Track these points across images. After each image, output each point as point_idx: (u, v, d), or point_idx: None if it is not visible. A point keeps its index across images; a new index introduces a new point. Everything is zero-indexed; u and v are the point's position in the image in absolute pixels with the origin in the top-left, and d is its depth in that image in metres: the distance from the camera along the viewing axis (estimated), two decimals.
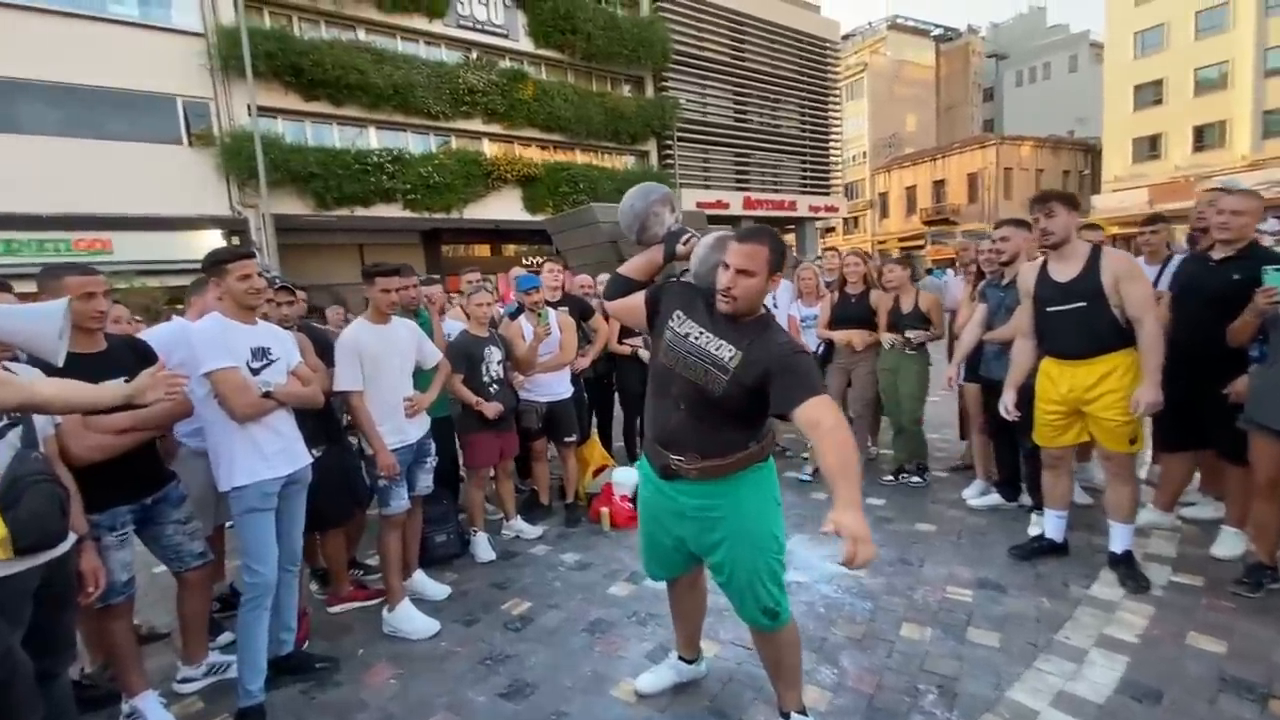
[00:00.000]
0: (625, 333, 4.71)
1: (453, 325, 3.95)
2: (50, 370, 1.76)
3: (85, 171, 11.74)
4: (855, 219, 39.01)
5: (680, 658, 2.32)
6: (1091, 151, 33.81)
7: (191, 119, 13.40)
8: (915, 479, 4.29)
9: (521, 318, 4.02)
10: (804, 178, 24.78)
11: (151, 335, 2.64)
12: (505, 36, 17.71)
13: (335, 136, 15.45)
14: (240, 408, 2.21)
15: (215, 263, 2.29)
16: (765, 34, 22.83)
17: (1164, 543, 3.20)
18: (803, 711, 1.98)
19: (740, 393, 1.76)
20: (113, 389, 1.72)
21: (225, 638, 2.78)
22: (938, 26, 42.70)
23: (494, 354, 3.66)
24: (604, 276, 5.27)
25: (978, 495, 3.93)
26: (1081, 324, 2.75)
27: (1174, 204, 22.47)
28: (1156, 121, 27.57)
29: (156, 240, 12.58)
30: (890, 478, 4.38)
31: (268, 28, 14.06)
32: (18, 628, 1.62)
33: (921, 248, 35.13)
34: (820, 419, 1.61)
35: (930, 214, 35.23)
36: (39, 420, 1.81)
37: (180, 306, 3.63)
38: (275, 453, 2.32)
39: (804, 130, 24.66)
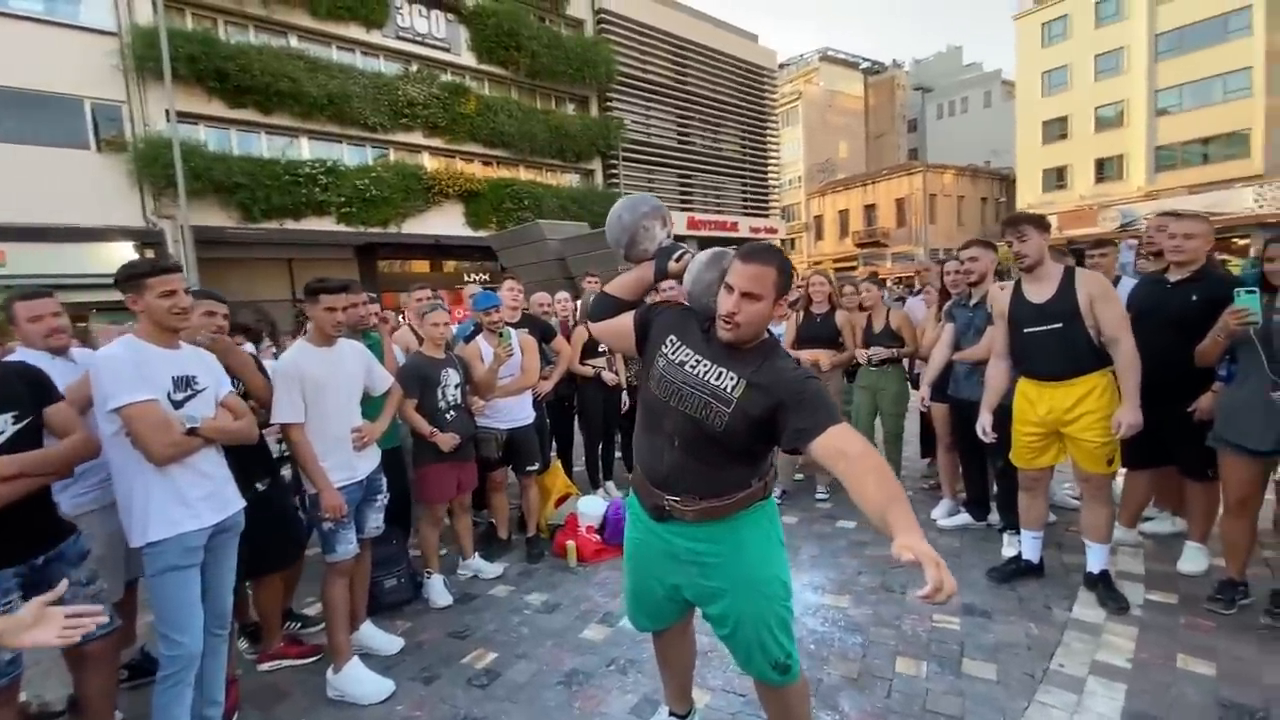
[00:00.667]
0: (587, 353, 4.51)
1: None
2: None
3: None
4: (792, 240, 40.22)
5: (672, 713, 2.12)
6: (1007, 181, 36.21)
7: (101, 123, 12.39)
8: None
9: (479, 338, 3.75)
10: (745, 200, 25.38)
11: (100, 355, 2.28)
12: (447, 50, 17.37)
13: (264, 146, 14.64)
14: (159, 448, 1.87)
15: (132, 277, 1.95)
16: (706, 59, 23.37)
17: (1131, 559, 3.24)
18: None
19: (745, 427, 1.57)
20: None
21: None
22: (866, 60, 45.02)
23: (451, 377, 3.38)
24: (562, 295, 5.08)
25: (946, 515, 3.92)
26: (1058, 345, 2.76)
27: (1080, 230, 24.34)
28: (1063, 154, 29.83)
29: (58, 252, 11.48)
30: None
31: (190, 30, 13.22)
32: None
33: (854, 269, 36.56)
34: (845, 448, 1.44)
35: (862, 237, 36.77)
36: None
37: (84, 324, 3.18)
38: (201, 499, 1.99)
39: (744, 154, 25.31)
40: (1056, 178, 30.31)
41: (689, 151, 23.13)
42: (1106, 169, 28.59)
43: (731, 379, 1.59)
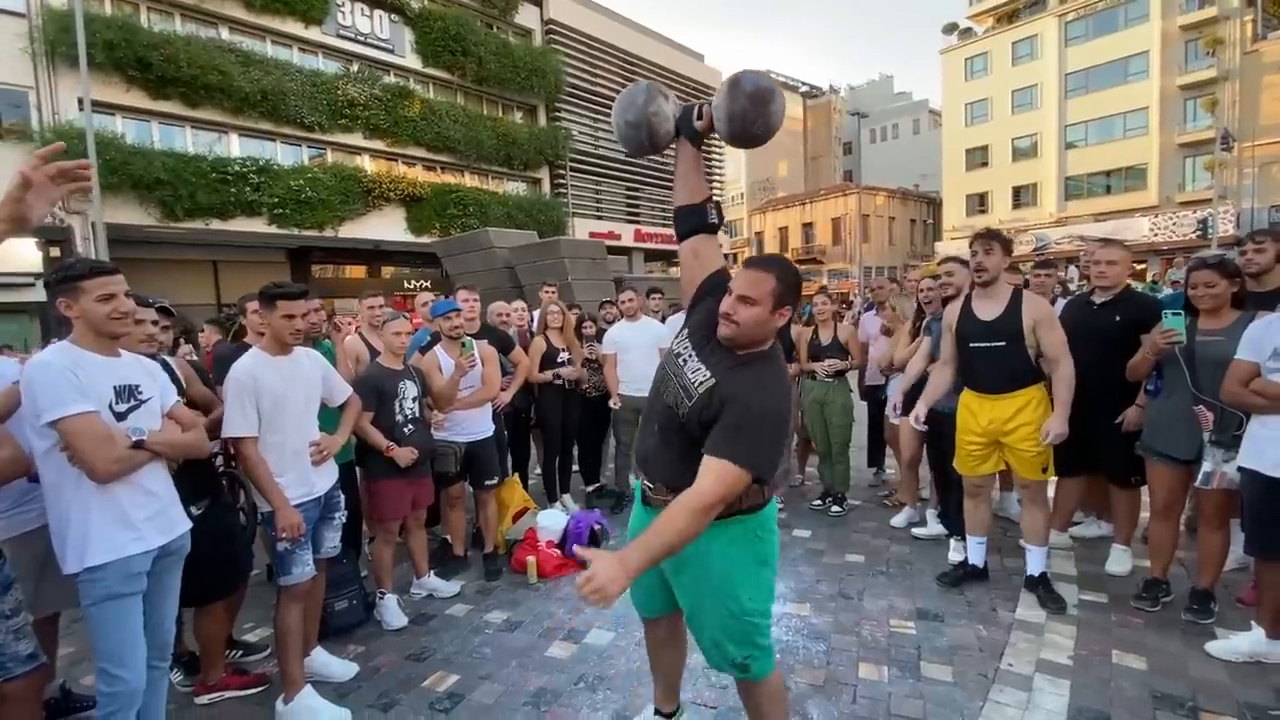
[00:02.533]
0: (545, 363, 4.46)
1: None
2: None
3: None
4: (735, 255, 41.15)
5: (658, 711, 2.11)
6: (934, 203, 38.34)
7: (3, 110, 11.39)
8: (836, 509, 4.38)
9: (438, 348, 3.65)
10: None
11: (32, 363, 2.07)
12: (390, 51, 16.95)
13: (188, 141, 13.82)
14: (102, 464, 1.71)
15: (66, 279, 1.79)
16: (653, 75, 23.71)
17: (1064, 561, 3.46)
18: None
19: (697, 421, 1.59)
20: None
21: None
22: (804, 84, 46.79)
23: (409, 389, 3.26)
24: (519, 304, 5.01)
25: (906, 523, 4.06)
26: (1001, 361, 2.94)
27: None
28: (984, 181, 31.89)
29: None
30: (819, 501, 4.49)
31: (109, 14, 12.37)
32: None
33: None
34: (700, 480, 1.49)
35: (800, 253, 38.04)
36: None
37: None
38: (146, 519, 1.83)
39: None
40: (979, 202, 32.33)
41: (636, 164, 23.32)
42: (1023, 195, 30.74)
43: (705, 375, 1.63)
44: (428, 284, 17.58)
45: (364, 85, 15.97)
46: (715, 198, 2.03)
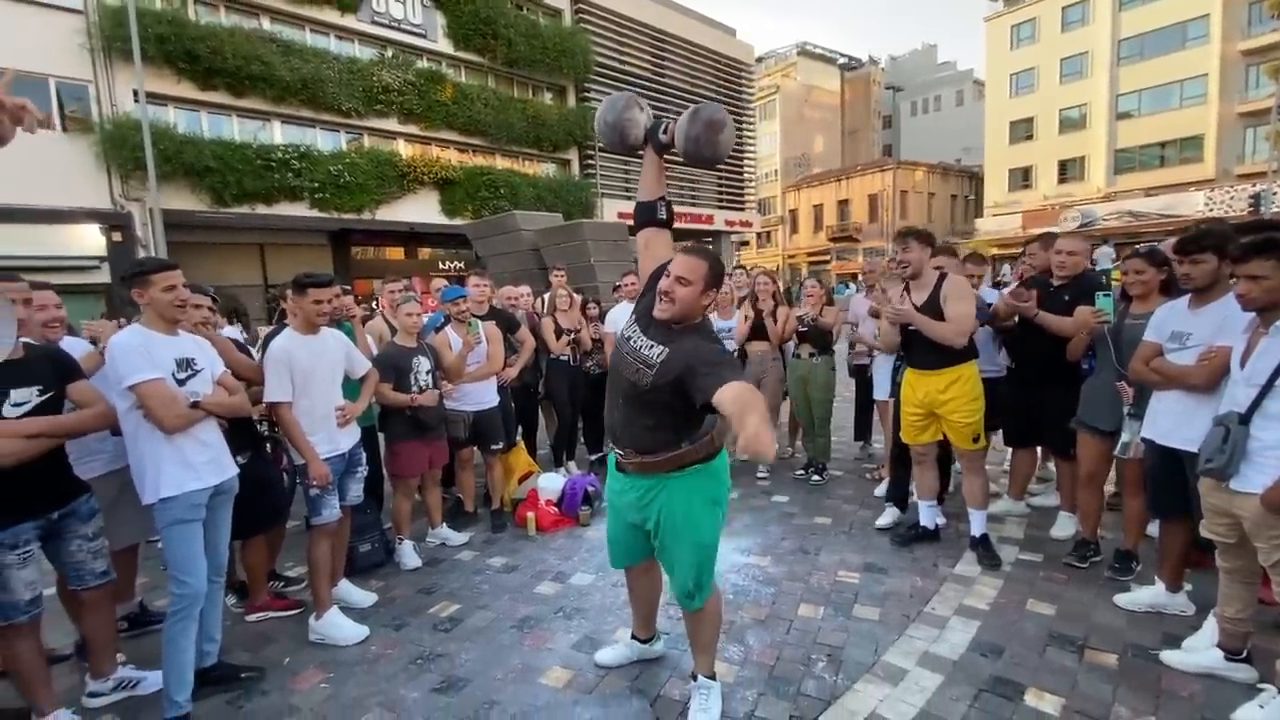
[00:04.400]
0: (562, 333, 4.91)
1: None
2: None
3: None
4: (768, 234, 40.82)
5: (634, 637, 2.54)
6: (976, 178, 37.20)
7: (66, 103, 12.27)
8: (816, 478, 4.72)
9: (448, 328, 4.10)
10: (720, 193, 25.78)
11: (72, 346, 2.61)
12: (423, 36, 17.37)
13: (235, 129, 14.58)
14: (169, 419, 2.21)
15: (140, 273, 2.28)
16: (685, 52, 23.63)
17: (1015, 527, 3.75)
18: (711, 676, 2.24)
19: (665, 383, 1.89)
20: None
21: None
22: (843, 55, 45.59)
23: (423, 364, 3.73)
24: (524, 289, 5.43)
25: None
26: (929, 340, 3.25)
27: (1041, 228, 25.23)
28: (1028, 155, 30.81)
29: (23, 234, 11.42)
30: (801, 472, 4.83)
31: (159, 9, 13.10)
32: None
33: (827, 263, 37.32)
34: (737, 392, 1.62)
35: (835, 231, 37.53)
36: None
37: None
38: (203, 464, 2.34)
39: None
40: (1022, 177, 31.31)
41: None
42: (1069, 170, 29.64)
43: (658, 349, 1.96)
44: (461, 264, 18.24)
45: (398, 71, 16.47)
46: (667, 198, 2.38)
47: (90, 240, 12.50)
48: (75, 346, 2.68)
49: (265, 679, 2.57)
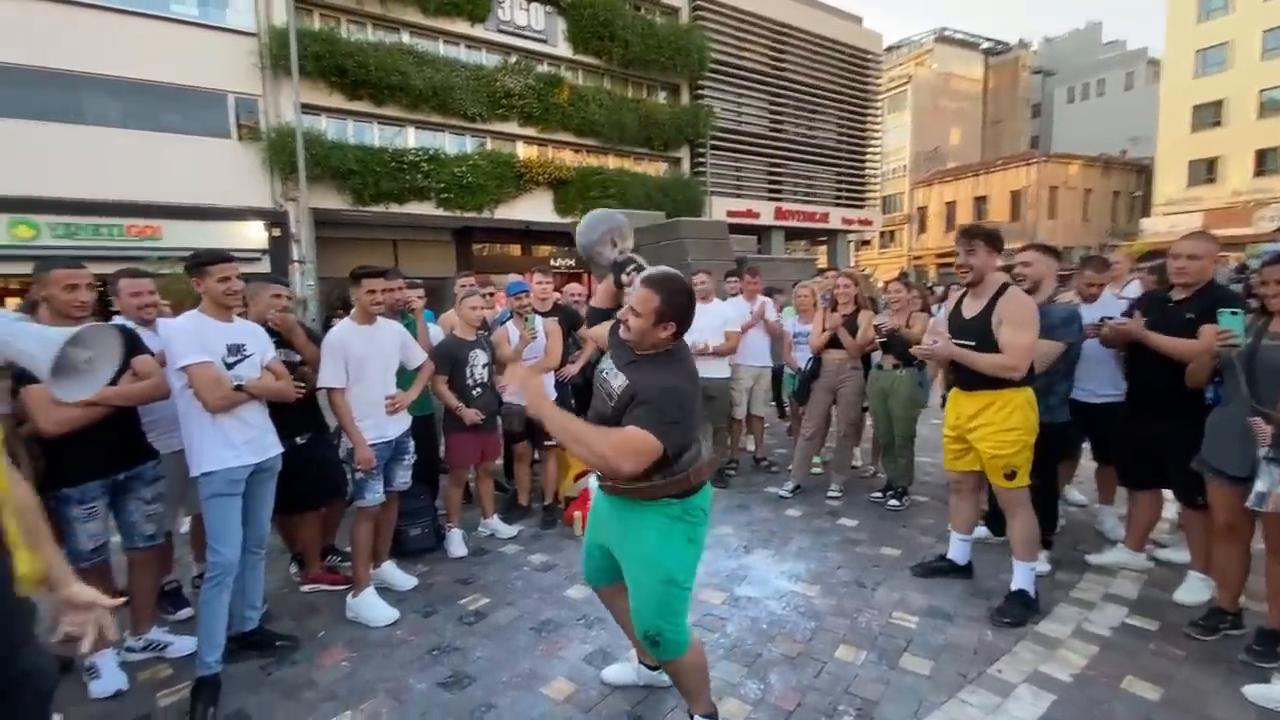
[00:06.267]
0: None
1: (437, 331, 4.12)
2: None
3: (140, 161, 12.43)
4: (891, 233, 38.34)
5: (641, 662, 2.41)
6: (1144, 172, 32.59)
7: (241, 115, 14.05)
8: (893, 502, 4.28)
9: (509, 323, 4.16)
10: (838, 190, 24.54)
11: (167, 325, 2.89)
12: (544, 42, 18.04)
13: (375, 135, 15.97)
14: (212, 400, 2.38)
15: (199, 264, 2.47)
16: (806, 44, 22.72)
17: (1128, 583, 3.14)
18: (710, 715, 2.05)
19: (618, 418, 1.81)
20: None
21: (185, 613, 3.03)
22: (987, 40, 41.76)
23: (479, 357, 3.80)
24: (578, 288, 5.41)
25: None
26: None
27: (1230, 230, 21.52)
28: (1215, 144, 26.46)
29: (204, 229, 13.18)
30: (878, 495, 4.41)
31: (317, 29, 14.63)
32: None
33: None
34: (616, 433, 1.73)
35: None
36: None
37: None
38: (243, 443, 2.49)
39: (841, 142, 24.44)
40: (1206, 170, 26.99)
41: (781, 139, 22.67)
42: (1269, 161, 25.12)
43: (621, 380, 1.90)
44: (572, 261, 18.84)
45: (519, 76, 17.25)
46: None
47: (255, 235, 14.22)
48: (167, 328, 2.98)
49: (298, 649, 2.72)
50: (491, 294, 5.18)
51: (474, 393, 3.77)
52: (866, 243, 35.80)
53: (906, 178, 38.58)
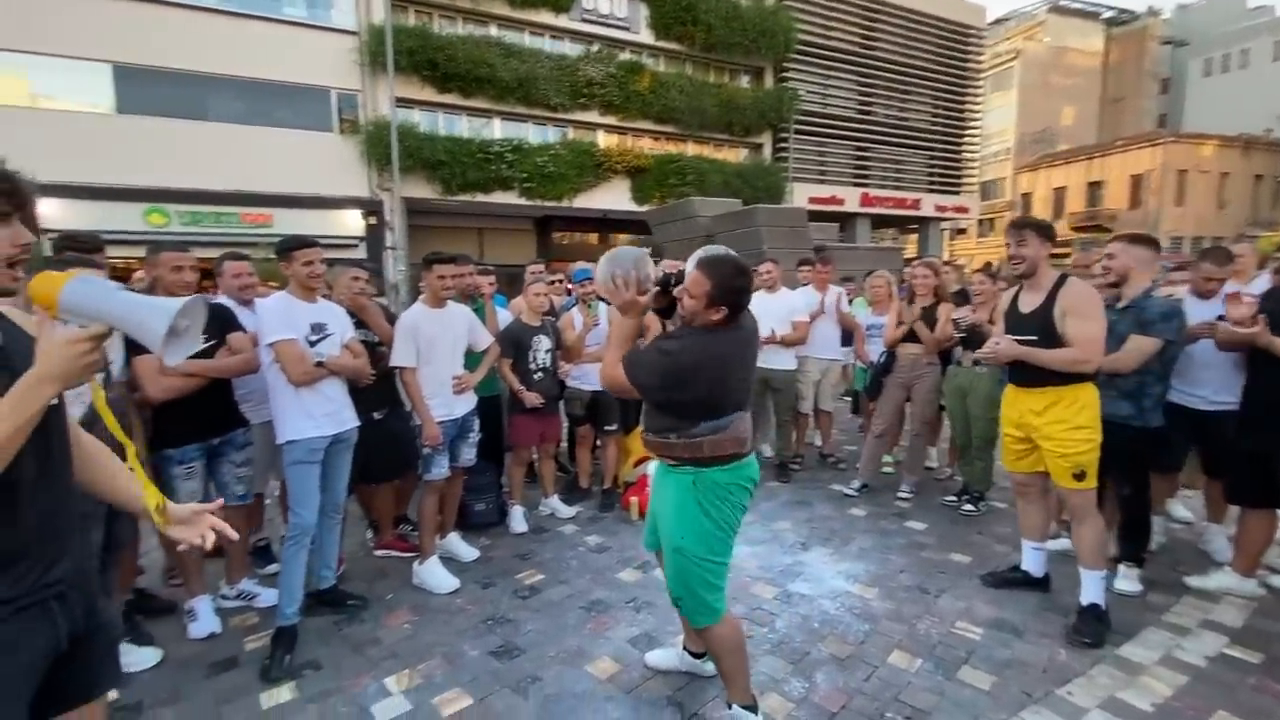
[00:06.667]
0: None
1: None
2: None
3: (255, 154, 13.52)
4: (991, 221, 35.86)
5: (685, 648, 2.42)
6: None
7: (342, 109, 14.98)
8: (968, 507, 4.05)
9: (574, 310, 4.24)
10: (931, 175, 23.22)
11: (260, 304, 3.16)
12: (627, 29, 18.06)
13: (464, 126, 16.59)
14: (295, 374, 2.58)
15: (286, 249, 2.67)
16: (900, 21, 21.56)
17: (1233, 610, 2.83)
18: (749, 707, 2.04)
19: None
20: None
21: (273, 568, 3.30)
22: (1109, 9, 38.01)
23: (543, 342, 3.91)
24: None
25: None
26: None
27: None
28: None
29: (309, 217, 14.20)
30: (952, 498, 4.19)
31: (411, 25, 15.33)
32: None
33: (1067, 256, 31.72)
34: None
35: (1081, 219, 31.63)
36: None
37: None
38: (323, 415, 2.69)
39: (935, 124, 23.07)
40: None
41: (870, 122, 21.68)
42: None
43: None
44: (650, 249, 18.85)
45: (601, 64, 17.38)
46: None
47: (353, 223, 15.18)
48: (260, 307, 3.24)
49: (367, 608, 2.92)
50: (557, 281, 5.27)
51: (535, 376, 3.88)
52: (962, 231, 33.72)
53: (1009, 161, 35.92)
